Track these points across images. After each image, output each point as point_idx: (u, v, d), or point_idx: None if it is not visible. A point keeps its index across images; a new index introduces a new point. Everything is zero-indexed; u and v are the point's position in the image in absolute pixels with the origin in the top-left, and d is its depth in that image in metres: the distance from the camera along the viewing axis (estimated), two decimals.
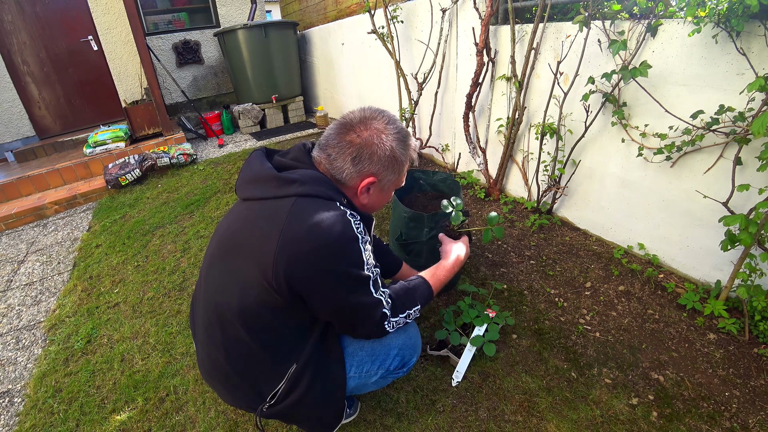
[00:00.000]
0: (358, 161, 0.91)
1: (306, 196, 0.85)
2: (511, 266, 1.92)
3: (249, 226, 0.89)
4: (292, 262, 0.82)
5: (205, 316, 0.99)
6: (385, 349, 1.04)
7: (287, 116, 4.93)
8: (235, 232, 0.93)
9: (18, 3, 4.08)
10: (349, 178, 0.92)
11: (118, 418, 1.39)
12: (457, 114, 2.71)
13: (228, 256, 0.93)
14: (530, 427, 1.22)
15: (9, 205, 3.32)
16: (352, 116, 0.94)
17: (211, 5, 4.98)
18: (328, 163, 0.92)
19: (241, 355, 0.94)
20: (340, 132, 0.92)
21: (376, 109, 0.95)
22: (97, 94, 4.71)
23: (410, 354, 1.07)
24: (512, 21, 2.04)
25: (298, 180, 0.86)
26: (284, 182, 0.87)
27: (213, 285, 0.96)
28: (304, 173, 0.88)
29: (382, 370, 1.05)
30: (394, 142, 0.93)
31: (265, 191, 0.88)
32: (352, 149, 0.90)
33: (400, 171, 0.98)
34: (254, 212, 0.90)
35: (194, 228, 2.61)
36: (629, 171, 1.80)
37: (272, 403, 0.97)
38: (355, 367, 1.03)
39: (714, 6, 1.29)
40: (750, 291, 1.37)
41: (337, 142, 0.91)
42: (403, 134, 0.96)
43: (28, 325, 1.98)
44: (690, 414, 1.21)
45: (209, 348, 0.99)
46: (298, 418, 1.05)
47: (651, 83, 1.59)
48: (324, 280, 0.85)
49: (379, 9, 2.99)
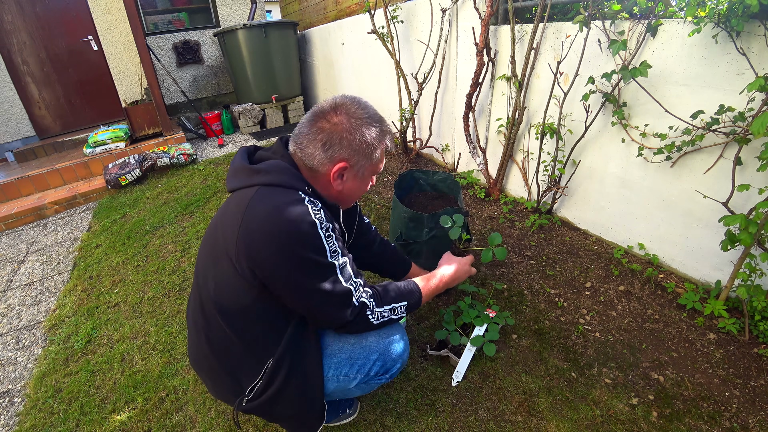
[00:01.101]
0: (328, 146, 0.91)
1: (268, 185, 0.88)
2: (511, 266, 1.92)
3: (224, 217, 0.93)
4: (250, 247, 0.84)
5: (193, 306, 1.03)
6: (365, 353, 1.02)
7: (287, 116, 4.93)
8: (216, 224, 0.97)
9: (18, 3, 4.08)
10: (320, 164, 0.92)
11: (118, 418, 1.39)
12: (457, 114, 2.71)
13: (208, 245, 0.98)
14: (530, 427, 1.22)
15: (9, 205, 3.32)
16: (324, 104, 0.94)
17: (211, 5, 4.98)
18: (300, 151, 0.93)
19: (222, 346, 0.97)
20: (311, 120, 0.93)
21: (349, 96, 0.95)
22: (97, 94, 4.71)
23: (393, 361, 1.04)
24: (512, 21, 2.04)
25: (263, 170, 0.90)
26: (252, 173, 0.91)
27: (200, 276, 0.99)
28: (270, 164, 0.91)
29: (361, 374, 1.02)
30: (364, 126, 0.93)
31: (239, 182, 0.93)
32: (322, 135, 0.91)
33: (373, 156, 0.96)
34: (229, 203, 0.95)
35: (194, 228, 2.61)
36: (629, 171, 1.80)
37: (250, 398, 0.98)
38: (333, 369, 1.02)
39: (714, 6, 1.29)
40: (750, 291, 1.37)
41: (308, 131, 0.92)
42: (375, 119, 0.95)
43: (28, 325, 1.98)
44: (690, 414, 1.21)
45: (196, 337, 1.02)
46: (279, 416, 1.05)
47: (651, 83, 1.59)
48: (281, 265, 0.85)
49: (379, 9, 2.99)
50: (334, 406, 1.25)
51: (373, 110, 0.97)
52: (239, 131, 4.81)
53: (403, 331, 1.11)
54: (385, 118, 1.01)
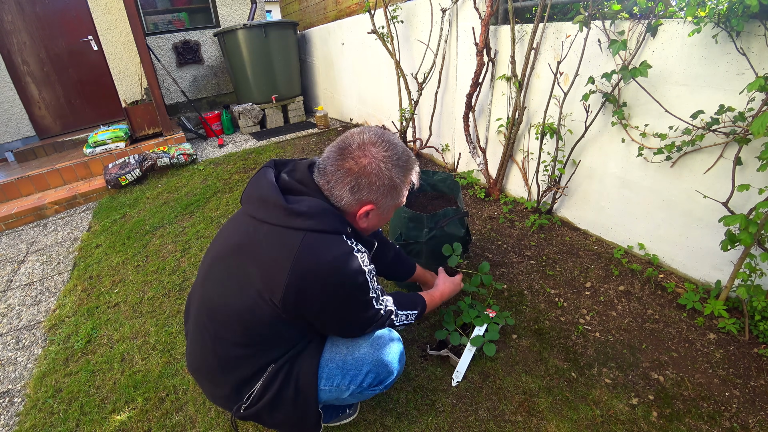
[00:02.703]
0: (356, 190, 0.90)
1: (314, 231, 0.86)
2: (511, 266, 1.92)
3: (256, 245, 0.89)
4: (302, 296, 0.86)
5: (199, 312, 1.01)
6: (357, 364, 1.02)
7: (287, 116, 4.93)
8: (242, 244, 0.93)
9: (18, 3, 4.08)
10: (348, 206, 0.93)
11: (118, 418, 1.39)
12: (457, 114, 2.71)
13: (223, 269, 0.95)
14: (530, 427, 1.22)
15: (9, 205, 3.32)
16: (351, 140, 0.92)
17: (211, 5, 4.98)
18: (327, 190, 0.92)
19: (227, 353, 0.96)
20: (338, 158, 0.91)
21: (375, 132, 0.93)
22: (97, 94, 4.71)
23: (387, 373, 1.05)
24: (512, 21, 2.04)
25: (305, 213, 0.86)
26: (292, 214, 0.86)
27: (212, 284, 0.97)
28: (311, 205, 0.88)
29: (353, 386, 1.02)
30: (393, 170, 0.92)
31: (273, 217, 0.88)
32: (350, 178, 0.89)
33: (399, 196, 0.98)
34: (262, 233, 0.89)
35: (194, 228, 2.61)
36: (629, 171, 1.80)
37: (248, 405, 0.98)
38: (325, 380, 1.02)
39: (714, 6, 1.29)
40: (750, 291, 1.37)
41: (335, 169, 0.90)
42: (402, 160, 0.94)
43: (28, 325, 1.98)
44: (690, 414, 1.21)
45: (199, 343, 1.01)
46: (275, 423, 1.04)
47: (651, 83, 1.59)
48: (332, 311, 0.92)
49: (379, 9, 2.99)
50: (333, 407, 1.25)
51: (400, 147, 0.95)
52: (239, 131, 4.81)
53: (399, 340, 1.11)
54: (409, 157, 0.98)
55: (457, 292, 1.43)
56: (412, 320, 1.16)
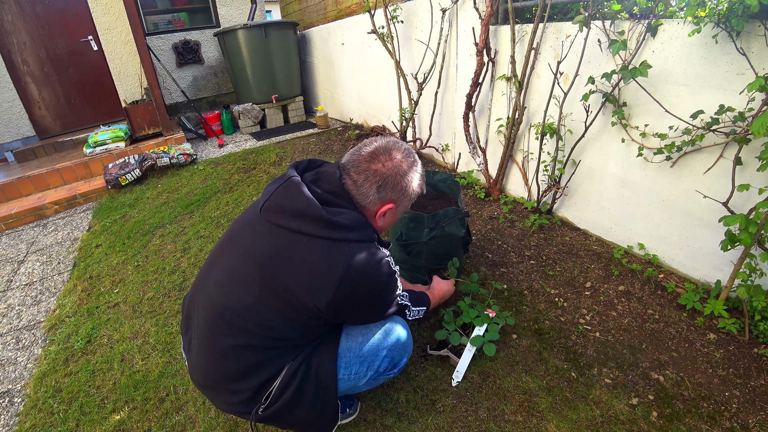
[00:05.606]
0: (382, 188, 0.99)
1: (357, 242, 0.95)
2: (511, 266, 1.92)
3: (296, 255, 0.93)
4: (346, 302, 0.94)
5: (211, 322, 0.99)
6: (374, 350, 1.07)
7: (287, 116, 4.93)
8: (274, 255, 0.94)
9: (18, 3, 4.08)
10: (372, 204, 1.01)
11: (118, 418, 1.39)
12: (457, 114, 2.71)
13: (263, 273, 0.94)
14: (530, 427, 1.22)
15: (9, 205, 3.32)
16: (377, 145, 1.02)
17: (211, 5, 4.98)
18: (355, 189, 0.99)
19: (249, 358, 0.96)
20: (366, 159, 1.00)
21: (396, 141, 1.05)
22: (97, 94, 4.71)
23: (400, 355, 1.11)
24: (512, 21, 2.04)
25: (347, 226, 0.94)
26: (335, 227, 0.93)
27: (232, 293, 0.97)
28: (352, 218, 0.96)
29: (371, 371, 1.07)
30: (412, 172, 1.04)
31: (314, 229, 0.93)
32: (378, 177, 0.99)
33: (413, 197, 1.09)
34: (302, 244, 0.93)
35: (194, 228, 2.61)
36: (629, 171, 1.80)
37: (266, 405, 0.98)
38: (344, 369, 1.05)
39: (714, 6, 1.29)
40: (750, 291, 1.37)
41: (364, 169, 0.99)
42: (419, 166, 1.07)
43: (28, 325, 1.98)
44: (690, 414, 1.21)
45: (213, 354, 0.98)
46: (294, 421, 1.04)
47: (651, 83, 1.59)
48: (368, 309, 1.05)
49: (379, 9, 2.99)
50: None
51: (417, 156, 1.08)
52: (239, 131, 4.81)
53: (405, 324, 1.16)
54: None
55: (451, 293, 1.53)
56: (420, 315, 1.24)
